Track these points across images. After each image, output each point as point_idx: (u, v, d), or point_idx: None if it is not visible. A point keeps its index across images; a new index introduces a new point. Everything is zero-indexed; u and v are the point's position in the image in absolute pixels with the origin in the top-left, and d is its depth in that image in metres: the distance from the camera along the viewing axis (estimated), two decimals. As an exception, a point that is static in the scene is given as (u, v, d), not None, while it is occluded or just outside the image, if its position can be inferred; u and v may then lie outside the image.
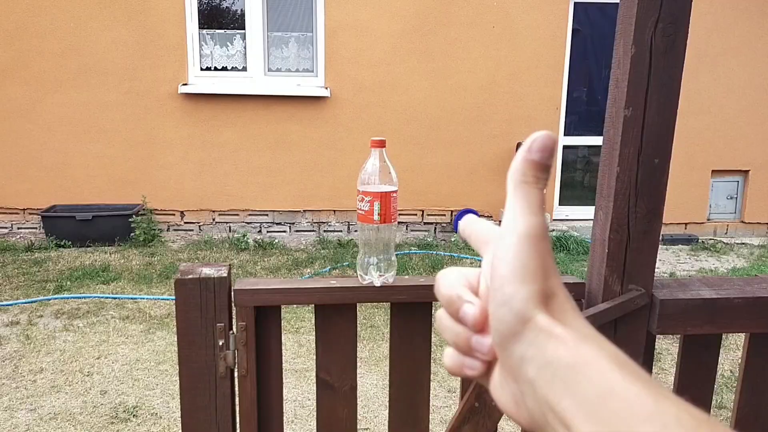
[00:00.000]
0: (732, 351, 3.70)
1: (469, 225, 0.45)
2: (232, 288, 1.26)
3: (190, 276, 1.21)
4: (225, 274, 1.23)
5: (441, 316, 0.42)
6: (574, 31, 6.35)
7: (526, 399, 0.36)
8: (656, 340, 1.40)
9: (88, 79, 5.86)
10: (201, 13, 6.05)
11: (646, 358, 1.35)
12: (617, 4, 1.23)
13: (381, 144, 1.28)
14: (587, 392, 0.32)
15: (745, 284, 1.36)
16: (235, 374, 1.29)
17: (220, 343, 1.24)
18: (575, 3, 6.28)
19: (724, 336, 1.42)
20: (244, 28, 6.11)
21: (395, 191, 1.30)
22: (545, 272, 0.36)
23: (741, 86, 6.40)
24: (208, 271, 1.23)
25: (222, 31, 6.14)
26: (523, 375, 0.35)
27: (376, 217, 1.28)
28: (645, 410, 0.30)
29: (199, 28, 6.06)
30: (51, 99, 5.85)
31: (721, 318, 1.30)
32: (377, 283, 1.31)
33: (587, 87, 6.66)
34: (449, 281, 0.41)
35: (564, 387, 0.33)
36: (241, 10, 6.11)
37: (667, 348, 3.71)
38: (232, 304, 1.27)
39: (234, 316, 1.27)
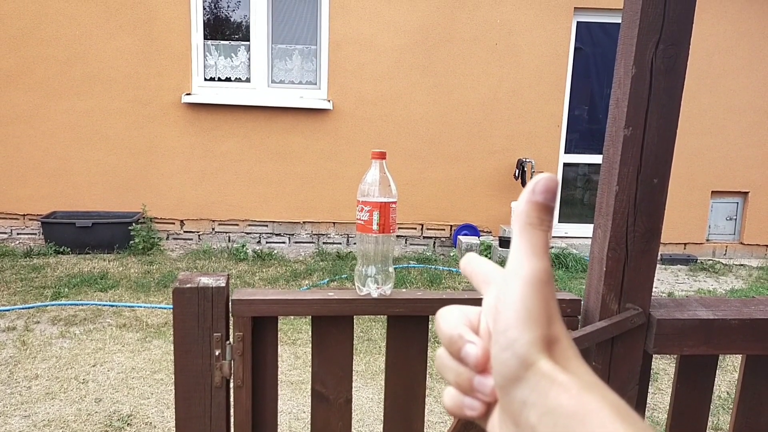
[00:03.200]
0: (729, 372, 3.68)
1: (470, 263, 0.45)
2: (230, 298, 1.26)
3: (188, 285, 1.22)
4: (223, 284, 1.23)
5: (441, 355, 0.41)
6: (576, 49, 6.39)
7: None
8: (653, 359, 1.39)
9: (92, 87, 5.88)
10: (206, 24, 6.10)
11: (642, 378, 1.35)
12: (619, 23, 1.24)
13: (382, 156, 1.29)
14: None
15: (743, 305, 1.36)
16: (231, 384, 1.29)
17: (217, 353, 1.24)
18: (578, 22, 6.33)
19: (720, 357, 1.42)
20: (248, 40, 6.15)
21: (395, 202, 1.30)
22: (549, 317, 0.36)
23: (741, 108, 6.43)
24: (206, 281, 1.23)
25: (227, 42, 6.18)
26: (524, 420, 0.35)
27: (375, 227, 1.28)
28: None
29: (204, 38, 6.10)
30: (54, 106, 5.87)
31: (718, 339, 1.30)
32: (374, 294, 1.31)
33: (588, 105, 6.69)
34: (450, 320, 0.41)
35: None
36: (246, 22, 6.16)
37: (664, 368, 3.70)
38: (230, 314, 1.27)
39: (231, 326, 1.27)
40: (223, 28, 6.22)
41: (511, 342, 0.35)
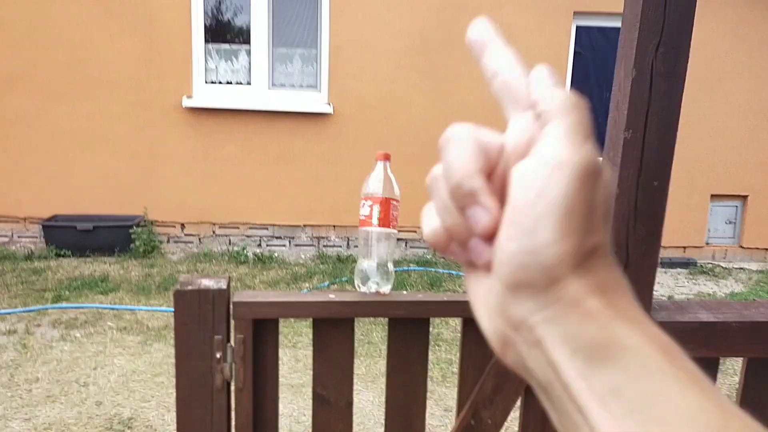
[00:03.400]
0: (729, 376, 3.68)
1: (492, 57, 0.36)
2: (231, 300, 1.26)
3: (189, 287, 1.22)
4: (224, 287, 1.23)
5: (439, 186, 0.34)
6: (575, 53, 6.40)
7: (520, 346, 0.31)
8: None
9: (93, 90, 5.89)
10: (207, 27, 6.11)
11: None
12: (619, 28, 1.25)
13: (386, 157, 1.31)
14: (624, 389, 0.26)
15: (743, 308, 1.36)
16: (232, 387, 1.29)
17: (218, 356, 1.24)
18: (577, 26, 6.34)
19: (721, 360, 1.42)
20: (249, 44, 6.16)
21: (396, 200, 1.32)
22: (592, 222, 0.29)
23: (741, 111, 6.44)
24: (207, 283, 1.24)
25: (227, 45, 6.19)
26: (527, 327, 0.30)
27: (375, 221, 1.29)
28: (708, 428, 0.25)
29: (205, 42, 6.11)
30: (56, 109, 5.88)
31: (719, 342, 1.30)
32: (372, 290, 1.32)
33: (588, 109, 6.68)
34: (462, 156, 0.32)
35: (589, 369, 0.28)
36: (247, 25, 6.17)
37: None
38: (230, 317, 1.27)
39: (232, 329, 1.27)
40: (224, 32, 6.23)
41: (539, 247, 0.28)
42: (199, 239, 6.28)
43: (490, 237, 0.31)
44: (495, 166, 0.33)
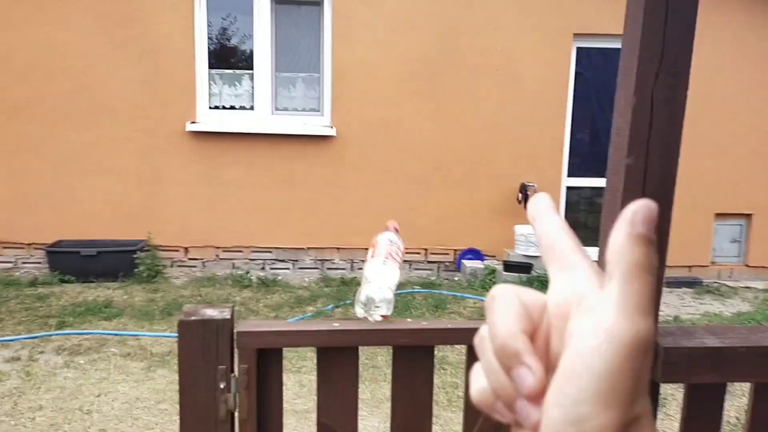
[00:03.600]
0: (737, 398, 3.64)
1: (543, 223, 0.35)
2: (235, 330, 1.26)
3: (193, 318, 1.22)
4: (228, 316, 1.23)
5: (485, 347, 0.34)
6: (576, 74, 6.44)
7: None
8: (660, 386, 1.38)
9: (98, 117, 5.94)
10: (211, 53, 6.17)
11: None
12: (619, 49, 1.26)
13: (396, 230, 1.60)
14: None
15: (750, 333, 1.35)
16: (236, 417, 1.29)
17: (222, 386, 1.23)
18: (578, 48, 6.39)
19: (729, 383, 1.41)
20: (252, 69, 6.22)
21: (400, 249, 1.53)
22: (636, 394, 0.29)
23: (744, 130, 6.45)
24: (211, 313, 1.23)
25: (231, 71, 6.25)
26: None
27: (379, 257, 1.36)
28: None
29: (209, 68, 6.17)
30: (60, 136, 5.92)
31: (726, 367, 1.29)
32: (376, 318, 1.34)
33: (590, 129, 6.72)
34: (507, 319, 0.33)
35: None
36: (250, 50, 6.23)
37: (672, 393, 3.66)
38: (234, 346, 1.27)
39: (236, 358, 1.27)
40: (228, 57, 6.30)
41: (581, 419, 0.28)
42: (203, 263, 6.28)
43: (537, 398, 0.31)
44: (538, 326, 0.33)
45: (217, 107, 6.24)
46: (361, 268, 6.34)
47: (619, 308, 0.29)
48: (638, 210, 0.30)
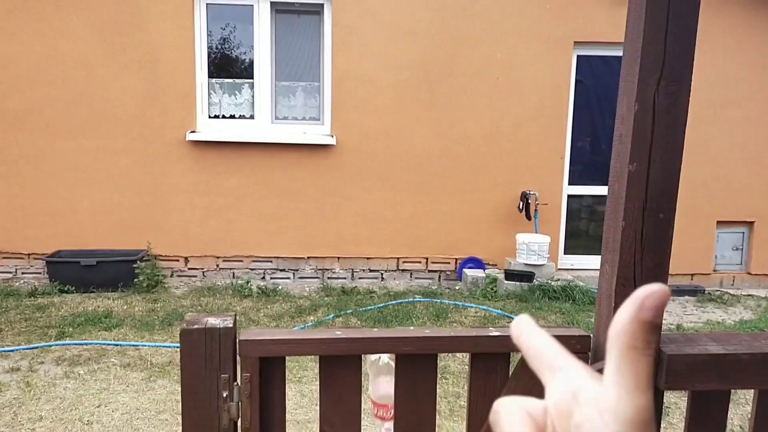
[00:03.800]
0: (741, 406, 3.63)
1: (527, 336, 0.38)
2: (237, 338, 1.26)
3: (195, 326, 1.21)
4: (230, 325, 1.23)
5: None
6: (577, 82, 6.45)
7: None
8: (664, 394, 1.38)
9: (98, 127, 5.95)
10: (211, 62, 6.19)
11: (654, 414, 1.33)
12: (620, 56, 1.26)
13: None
14: None
15: (753, 340, 1.35)
16: (238, 426, 1.28)
17: (224, 395, 1.23)
18: (578, 55, 6.41)
19: (733, 390, 1.40)
20: (252, 78, 6.23)
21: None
22: None
23: (745, 137, 6.46)
24: (213, 321, 1.23)
25: (231, 80, 6.26)
26: None
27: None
28: None
29: (209, 77, 6.19)
30: (60, 145, 5.93)
31: (729, 374, 1.29)
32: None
33: (591, 137, 6.72)
34: (514, 424, 0.35)
35: None
36: (250, 60, 6.25)
37: (676, 402, 3.64)
38: (237, 355, 1.26)
39: (238, 367, 1.26)
40: (228, 67, 6.31)
41: None
42: (203, 273, 6.27)
43: None
44: (543, 429, 0.35)
45: (217, 116, 6.25)
46: (362, 278, 6.35)
47: (619, 387, 0.31)
48: (650, 294, 0.31)
